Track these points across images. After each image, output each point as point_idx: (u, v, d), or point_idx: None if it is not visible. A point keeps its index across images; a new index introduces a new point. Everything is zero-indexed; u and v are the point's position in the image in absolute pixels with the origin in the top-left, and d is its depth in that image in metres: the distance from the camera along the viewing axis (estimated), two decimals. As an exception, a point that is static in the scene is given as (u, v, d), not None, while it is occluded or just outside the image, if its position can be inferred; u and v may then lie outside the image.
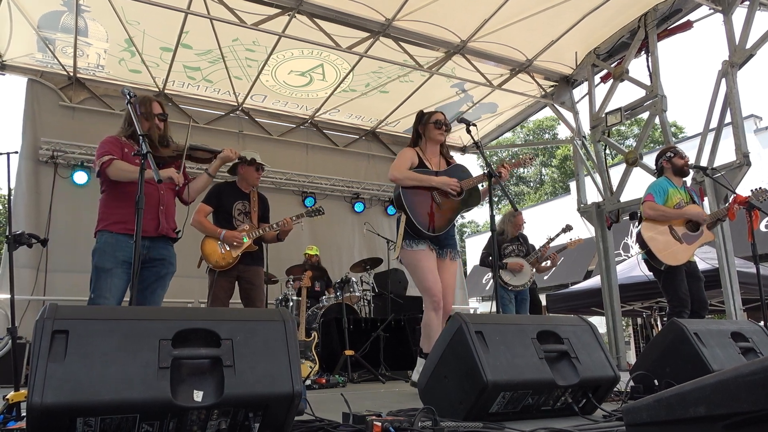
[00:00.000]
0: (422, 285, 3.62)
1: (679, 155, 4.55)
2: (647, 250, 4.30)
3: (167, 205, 3.33)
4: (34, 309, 6.30)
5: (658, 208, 4.35)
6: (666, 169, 4.57)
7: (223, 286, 4.37)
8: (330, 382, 4.75)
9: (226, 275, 4.37)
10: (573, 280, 12.78)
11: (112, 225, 3.18)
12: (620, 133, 25.80)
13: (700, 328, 2.77)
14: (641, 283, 7.67)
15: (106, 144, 3.23)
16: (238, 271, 4.38)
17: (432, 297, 3.55)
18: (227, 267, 4.33)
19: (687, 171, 4.60)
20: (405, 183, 3.63)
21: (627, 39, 7.04)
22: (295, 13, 6.17)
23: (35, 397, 1.49)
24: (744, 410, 1.19)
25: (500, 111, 8.86)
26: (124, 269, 3.10)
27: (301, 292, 5.49)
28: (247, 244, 4.36)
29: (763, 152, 12.70)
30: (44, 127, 7.18)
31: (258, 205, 4.58)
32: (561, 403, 2.34)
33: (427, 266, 3.57)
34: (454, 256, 3.76)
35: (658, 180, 4.57)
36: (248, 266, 4.41)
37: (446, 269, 3.71)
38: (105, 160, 3.13)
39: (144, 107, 3.25)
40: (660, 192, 4.41)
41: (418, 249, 3.59)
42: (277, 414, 1.80)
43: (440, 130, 3.78)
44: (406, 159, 3.71)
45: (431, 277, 3.56)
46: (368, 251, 8.82)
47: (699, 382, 1.32)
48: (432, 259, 3.62)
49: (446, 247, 3.72)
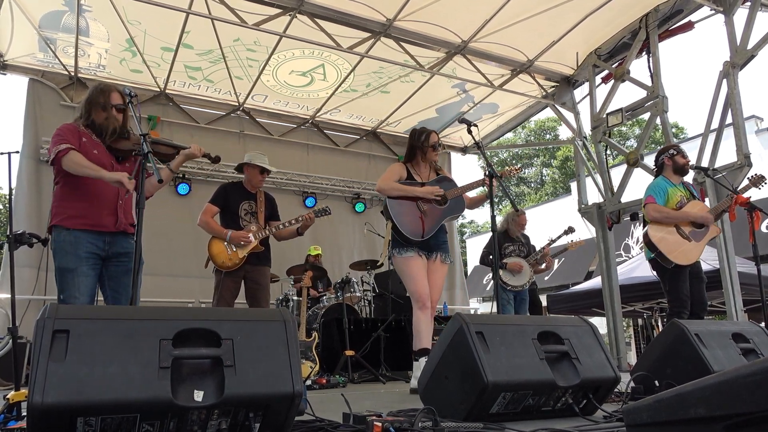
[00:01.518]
0: (409, 288, 3.93)
1: (682, 154, 4.53)
2: (657, 251, 4.28)
3: (126, 200, 3.14)
4: (34, 308, 6.28)
5: (662, 210, 4.33)
6: (666, 166, 4.55)
7: (229, 287, 4.41)
8: (330, 382, 4.75)
9: (233, 275, 4.40)
10: (574, 281, 12.77)
11: (68, 220, 2.96)
12: (621, 134, 25.80)
13: (701, 329, 2.77)
14: (642, 283, 7.68)
15: (64, 131, 3.02)
16: (244, 271, 4.41)
17: (417, 299, 3.83)
18: (234, 267, 4.35)
19: (687, 171, 4.59)
20: (390, 193, 3.91)
21: (628, 39, 7.04)
22: (296, 13, 6.17)
23: (36, 396, 1.50)
24: (744, 411, 1.19)
25: (501, 111, 8.85)
26: (90, 265, 2.94)
27: (302, 292, 5.50)
28: (254, 244, 4.38)
29: (764, 153, 12.69)
30: (45, 127, 7.18)
31: (265, 205, 4.60)
32: (561, 404, 2.34)
33: (414, 272, 3.85)
34: (444, 259, 4.01)
35: (656, 180, 4.54)
36: (255, 266, 4.45)
37: (435, 271, 3.97)
38: (62, 149, 2.90)
39: (102, 97, 3.08)
40: (660, 192, 4.39)
41: (407, 255, 3.87)
42: (278, 414, 1.81)
43: (436, 152, 4.08)
44: (394, 173, 4.00)
45: (419, 281, 3.84)
46: (369, 251, 8.82)
47: (699, 383, 1.32)
48: (419, 265, 3.88)
49: (436, 251, 3.98)
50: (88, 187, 2.98)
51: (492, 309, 3.51)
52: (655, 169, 4.70)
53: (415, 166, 4.07)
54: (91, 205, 3.00)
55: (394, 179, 3.95)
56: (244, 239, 4.33)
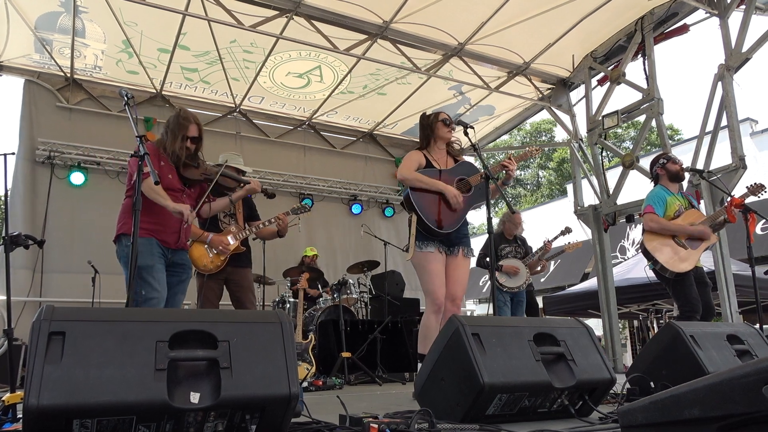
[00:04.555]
0: (426, 287, 3.63)
1: (672, 161, 4.55)
2: (654, 260, 4.29)
3: None
4: (30, 310, 6.28)
5: (659, 221, 4.32)
6: (661, 176, 4.56)
7: (213, 288, 4.39)
8: (327, 384, 4.75)
9: (215, 277, 4.38)
10: (570, 282, 12.80)
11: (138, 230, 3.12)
12: (617, 136, 25.89)
13: (696, 330, 2.78)
14: (638, 285, 7.69)
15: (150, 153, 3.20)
16: (226, 273, 4.39)
17: (434, 300, 3.56)
18: (216, 270, 4.33)
19: (682, 176, 4.60)
20: (414, 184, 3.66)
21: (624, 42, 7.07)
22: (293, 15, 6.18)
23: (32, 398, 1.49)
24: (738, 412, 1.20)
25: (497, 113, 8.88)
26: (162, 263, 3.24)
27: (298, 294, 5.50)
28: (234, 245, 4.36)
29: (759, 155, 12.75)
30: (41, 128, 7.17)
31: (242, 206, 4.57)
32: (557, 406, 2.35)
33: (433, 269, 3.58)
34: (467, 253, 3.74)
35: (655, 189, 4.54)
36: (236, 268, 4.42)
37: (458, 265, 3.70)
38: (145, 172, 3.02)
39: (180, 128, 3.33)
40: (659, 202, 4.39)
41: (427, 251, 3.59)
42: (274, 416, 1.81)
43: (448, 128, 3.87)
44: (413, 161, 3.75)
45: (437, 281, 3.57)
46: (365, 253, 8.81)
47: (693, 384, 1.33)
48: (440, 262, 3.62)
49: (457, 245, 3.71)
50: (157, 206, 3.23)
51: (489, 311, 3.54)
52: (652, 180, 4.71)
53: (432, 153, 3.84)
54: (158, 222, 3.26)
55: (414, 168, 3.70)
56: (223, 245, 4.29)
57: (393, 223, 9.48)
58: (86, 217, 7.09)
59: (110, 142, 7.39)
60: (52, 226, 6.93)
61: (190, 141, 3.36)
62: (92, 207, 7.14)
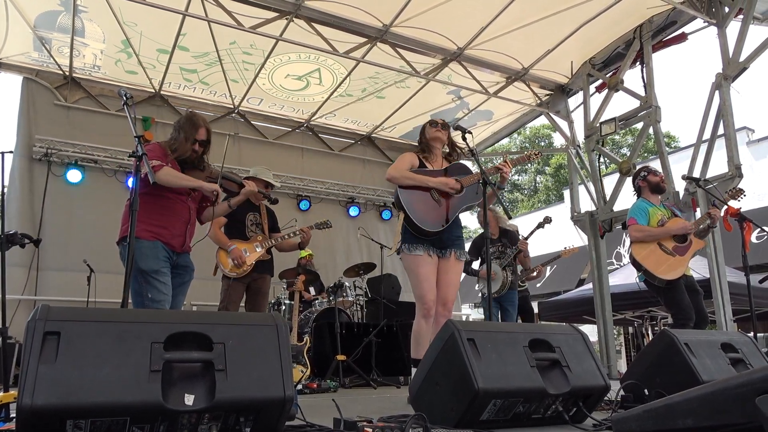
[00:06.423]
0: (416, 291, 3.57)
1: (653, 173, 4.64)
2: (644, 269, 4.32)
3: (192, 224, 3.46)
4: (25, 308, 6.25)
5: (643, 229, 4.41)
6: (643, 188, 4.64)
7: (239, 290, 4.72)
8: (321, 386, 4.75)
9: (241, 281, 4.70)
10: (565, 288, 12.82)
11: (144, 232, 3.14)
12: (615, 143, 25.95)
13: (691, 338, 2.79)
14: (633, 292, 7.69)
15: (156, 150, 3.26)
16: (251, 278, 4.72)
17: (424, 305, 3.49)
18: (243, 274, 4.65)
19: (663, 187, 4.69)
20: (402, 182, 3.59)
21: (622, 50, 7.10)
22: (293, 17, 6.19)
23: (25, 398, 1.49)
24: (731, 422, 1.20)
25: (496, 118, 8.89)
26: (168, 267, 3.23)
27: (294, 296, 5.50)
28: (260, 253, 4.71)
29: (755, 164, 12.80)
30: (39, 125, 7.15)
31: (266, 217, 4.91)
32: (552, 412, 2.35)
33: (422, 273, 3.50)
34: (459, 256, 3.65)
35: (637, 202, 4.63)
36: (260, 274, 4.77)
37: (449, 268, 3.62)
38: (155, 164, 3.07)
39: (190, 130, 3.33)
40: (641, 213, 4.47)
41: (416, 254, 3.50)
42: (269, 419, 1.80)
43: (436, 128, 3.82)
44: (406, 161, 3.71)
45: (425, 285, 3.50)
46: (362, 256, 8.82)
47: (687, 394, 1.34)
48: (429, 266, 3.53)
49: (450, 248, 3.61)
50: (164, 208, 3.25)
51: (484, 315, 3.54)
52: (635, 193, 4.76)
53: (428, 156, 3.79)
54: (164, 226, 3.26)
55: (406, 167, 3.65)
56: (239, 259, 4.60)
57: (390, 226, 9.47)
58: (83, 215, 7.08)
59: (108, 140, 7.37)
60: (48, 224, 6.91)
61: (199, 144, 3.38)
62: (89, 205, 7.13)
